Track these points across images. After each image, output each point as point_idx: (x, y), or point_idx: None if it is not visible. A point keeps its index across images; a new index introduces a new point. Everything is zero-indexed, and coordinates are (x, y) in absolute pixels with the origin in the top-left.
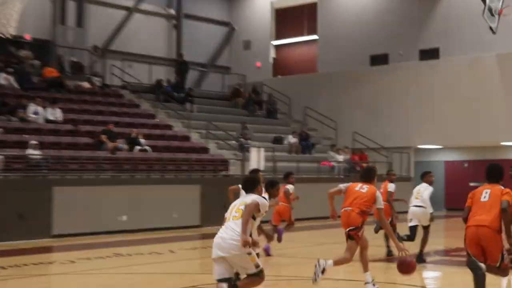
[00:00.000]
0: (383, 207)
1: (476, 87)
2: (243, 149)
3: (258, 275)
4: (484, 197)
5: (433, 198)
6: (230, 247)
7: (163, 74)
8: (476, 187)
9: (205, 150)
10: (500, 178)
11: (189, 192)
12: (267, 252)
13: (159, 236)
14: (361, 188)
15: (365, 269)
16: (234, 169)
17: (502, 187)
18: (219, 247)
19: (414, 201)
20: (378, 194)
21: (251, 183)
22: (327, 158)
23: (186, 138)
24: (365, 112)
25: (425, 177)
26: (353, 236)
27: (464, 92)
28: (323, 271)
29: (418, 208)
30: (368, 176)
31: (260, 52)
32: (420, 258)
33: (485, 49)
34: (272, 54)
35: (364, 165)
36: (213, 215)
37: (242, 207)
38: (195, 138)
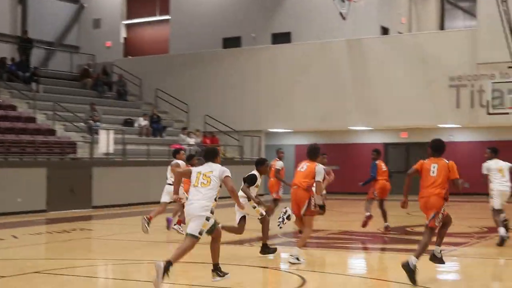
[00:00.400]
0: (321, 180)
1: (326, 72)
2: (92, 131)
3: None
4: (433, 172)
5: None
6: (200, 210)
7: (7, 52)
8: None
9: (51, 132)
10: (443, 152)
11: (34, 175)
12: (168, 223)
13: (2, 222)
14: (301, 167)
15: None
16: (82, 152)
17: (447, 161)
18: (193, 209)
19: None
20: (318, 168)
21: (212, 153)
22: (178, 141)
23: (32, 120)
24: (217, 95)
25: (261, 167)
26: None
27: (314, 77)
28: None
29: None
30: (311, 154)
31: (111, 32)
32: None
33: (335, 35)
34: (123, 34)
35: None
36: (60, 199)
37: (211, 175)
38: (41, 119)
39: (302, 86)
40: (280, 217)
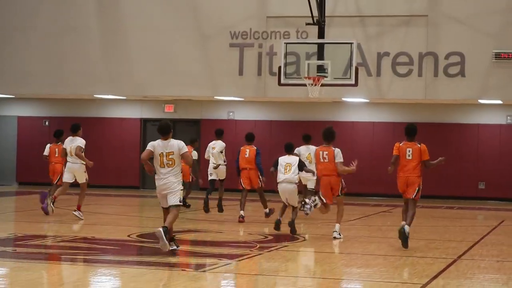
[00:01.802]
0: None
1: (62, 24)
2: None
3: (177, 207)
4: (409, 155)
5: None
6: (170, 187)
7: None
8: None
9: None
10: (415, 136)
11: None
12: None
13: None
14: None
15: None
16: None
17: (419, 144)
18: (164, 188)
19: None
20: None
21: (167, 128)
22: None
23: None
24: None
25: None
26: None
27: (44, 27)
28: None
29: None
30: (329, 137)
31: None
32: None
33: None
34: None
35: None
36: None
37: (172, 156)
38: None
39: (32, 42)
40: (308, 204)
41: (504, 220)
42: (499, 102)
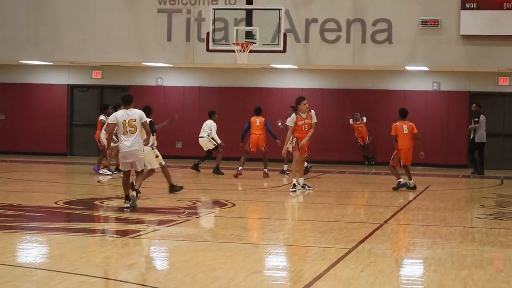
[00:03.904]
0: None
1: None
2: None
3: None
4: (405, 130)
5: None
6: (137, 155)
7: None
8: None
9: None
10: (407, 116)
11: None
12: None
13: None
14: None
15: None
16: None
17: (410, 122)
18: (129, 155)
19: None
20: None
21: (130, 97)
22: None
23: None
24: None
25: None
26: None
27: None
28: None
29: None
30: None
31: None
32: None
33: None
34: None
35: None
36: None
37: (135, 123)
38: None
39: None
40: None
41: (429, 186)
42: (426, 68)
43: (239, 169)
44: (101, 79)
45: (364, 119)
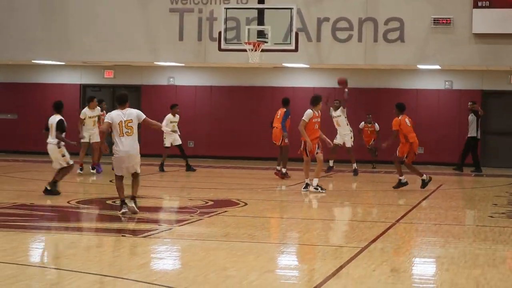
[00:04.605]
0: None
1: None
2: None
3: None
4: (408, 124)
5: None
6: (134, 160)
7: None
8: None
9: None
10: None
11: None
12: None
13: None
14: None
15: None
16: None
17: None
18: (127, 159)
19: None
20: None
21: (125, 97)
22: None
23: None
24: None
25: None
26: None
27: None
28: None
29: None
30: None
31: None
32: None
33: None
34: None
35: None
36: None
37: (131, 124)
38: None
39: None
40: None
41: (442, 184)
42: (438, 67)
43: (279, 168)
44: (113, 78)
45: (377, 126)
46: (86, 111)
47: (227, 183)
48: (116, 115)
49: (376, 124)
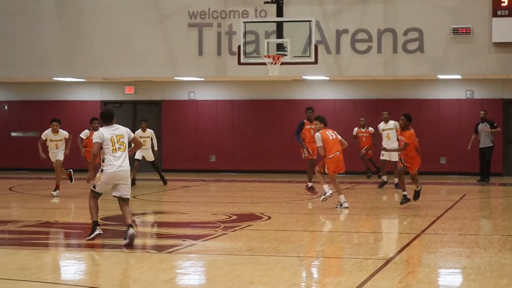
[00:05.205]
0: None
1: None
2: None
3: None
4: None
5: None
6: (126, 177)
7: None
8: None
9: None
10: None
11: None
12: None
13: None
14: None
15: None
16: None
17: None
18: (119, 177)
19: None
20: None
21: (111, 114)
22: None
23: None
24: None
25: None
26: None
27: None
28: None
29: None
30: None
31: None
32: None
33: None
34: None
35: None
36: None
37: (123, 139)
38: None
39: None
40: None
41: (465, 194)
42: (458, 77)
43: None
44: (134, 94)
45: (371, 129)
46: (48, 134)
47: (250, 197)
48: (106, 132)
49: (370, 128)
